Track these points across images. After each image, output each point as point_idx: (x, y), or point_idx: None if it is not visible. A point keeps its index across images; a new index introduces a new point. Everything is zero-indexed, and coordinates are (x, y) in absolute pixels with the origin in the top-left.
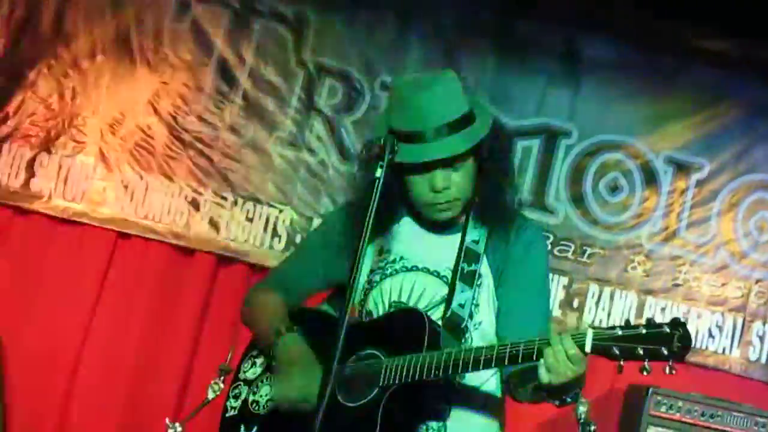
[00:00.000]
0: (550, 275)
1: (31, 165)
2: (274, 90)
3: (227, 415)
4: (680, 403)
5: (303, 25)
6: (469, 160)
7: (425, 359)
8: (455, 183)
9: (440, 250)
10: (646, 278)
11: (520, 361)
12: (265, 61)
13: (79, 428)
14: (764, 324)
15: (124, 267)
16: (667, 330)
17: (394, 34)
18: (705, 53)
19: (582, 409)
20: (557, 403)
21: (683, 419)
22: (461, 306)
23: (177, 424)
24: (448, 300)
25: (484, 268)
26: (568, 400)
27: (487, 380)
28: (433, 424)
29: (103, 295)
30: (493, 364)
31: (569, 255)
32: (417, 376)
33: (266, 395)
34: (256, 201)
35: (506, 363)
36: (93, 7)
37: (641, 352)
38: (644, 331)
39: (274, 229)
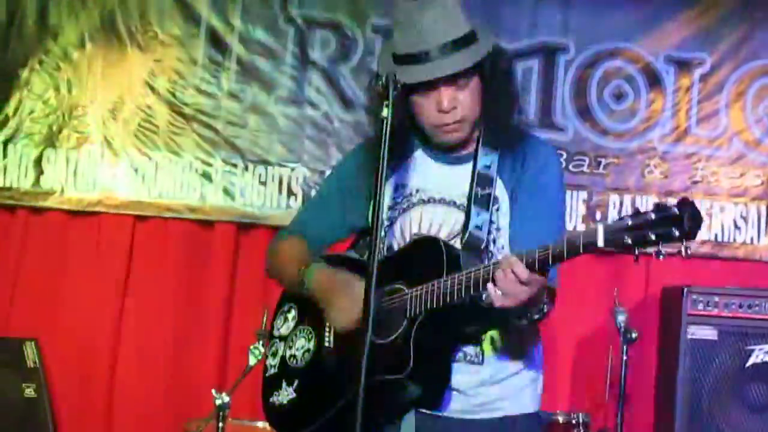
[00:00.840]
0: (568, 192)
1: (38, 163)
2: (266, 50)
3: (267, 374)
4: (716, 299)
5: None
6: (474, 78)
7: (446, 283)
8: (461, 102)
9: (455, 180)
10: (665, 180)
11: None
12: (254, 24)
13: (125, 413)
14: None
15: (147, 249)
16: (676, 211)
17: None
18: None
19: (621, 318)
20: (524, 322)
21: (722, 314)
22: (479, 228)
23: (223, 394)
24: (464, 224)
25: (500, 191)
26: (536, 316)
27: None
28: (470, 349)
29: (131, 280)
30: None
31: (584, 168)
32: (441, 301)
33: (302, 348)
34: (267, 163)
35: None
36: None
37: (653, 237)
38: (653, 216)
39: (289, 188)
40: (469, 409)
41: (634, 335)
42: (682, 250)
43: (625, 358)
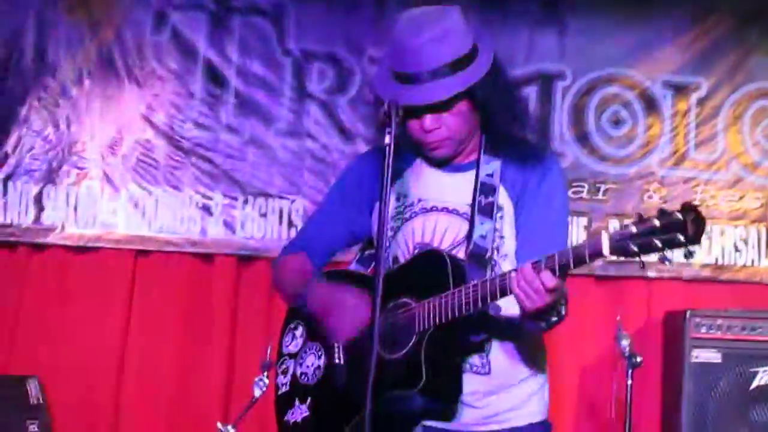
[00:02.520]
0: (569, 218)
1: (38, 199)
2: (264, 83)
3: (279, 393)
4: (719, 321)
5: (282, 15)
6: (464, 100)
7: (453, 296)
8: (446, 123)
9: (457, 188)
10: (664, 204)
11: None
12: (251, 57)
13: None
14: None
15: (148, 284)
16: (680, 216)
17: (374, 6)
18: None
19: (624, 343)
20: (543, 326)
21: (725, 337)
22: (483, 237)
23: (229, 426)
24: (468, 233)
25: (503, 199)
26: (554, 319)
27: None
28: (476, 360)
29: (133, 316)
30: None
31: (584, 195)
32: (449, 315)
33: (312, 365)
34: (267, 195)
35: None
36: (72, 33)
37: (658, 243)
38: (657, 222)
39: (289, 220)
40: (477, 421)
41: (638, 359)
42: (686, 252)
43: (630, 382)
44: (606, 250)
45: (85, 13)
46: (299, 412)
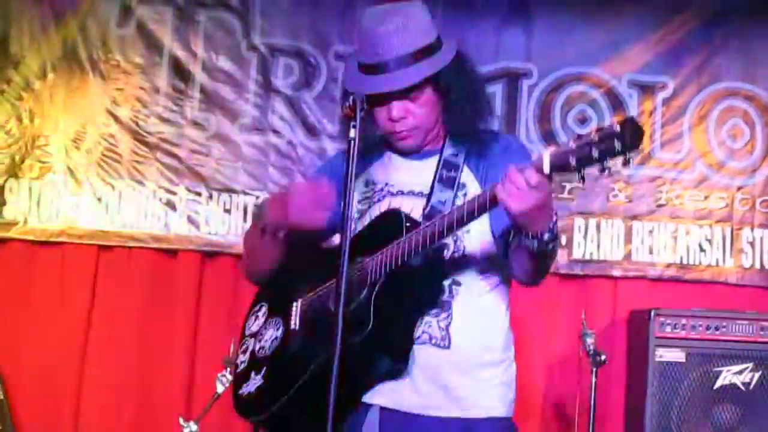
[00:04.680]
0: None
1: (1, 193)
2: (230, 78)
3: (237, 371)
4: (684, 321)
5: (248, 9)
6: (427, 89)
7: (404, 241)
8: (413, 113)
9: (422, 173)
10: (630, 204)
11: (489, 206)
12: (217, 52)
13: None
14: (752, 230)
15: (111, 279)
16: (618, 128)
17: (340, 2)
18: None
19: (589, 340)
20: (536, 244)
21: (689, 336)
22: (441, 203)
23: (191, 423)
24: (427, 198)
25: (467, 177)
26: (546, 237)
27: (487, 273)
28: (435, 330)
29: (95, 311)
30: (465, 220)
31: None
32: (401, 260)
33: (270, 338)
34: (231, 191)
35: (476, 214)
36: (36, 26)
37: (596, 154)
38: (595, 136)
39: None
40: (435, 403)
41: (603, 357)
42: (623, 160)
43: (594, 380)
44: (547, 168)
45: (49, 5)
46: (253, 383)
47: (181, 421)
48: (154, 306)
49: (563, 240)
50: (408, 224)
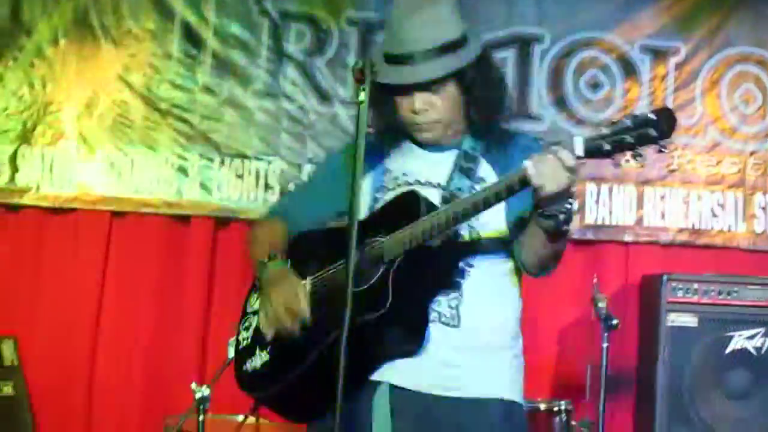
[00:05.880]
0: None
1: (13, 160)
2: (242, 44)
3: (240, 347)
4: (695, 286)
5: None
6: (451, 84)
7: (424, 222)
8: (435, 106)
9: (440, 164)
10: (641, 169)
11: (518, 188)
12: (228, 17)
13: (105, 409)
14: (765, 195)
15: (124, 245)
16: (652, 116)
17: None
18: None
19: (601, 305)
20: (552, 223)
21: (701, 301)
22: (459, 189)
23: (204, 387)
24: (445, 186)
25: (485, 170)
26: (562, 217)
27: (499, 258)
28: (445, 308)
29: (108, 276)
30: (492, 201)
31: None
32: (422, 238)
33: None
34: (244, 157)
35: (504, 195)
36: None
37: (630, 140)
38: (630, 122)
39: (266, 182)
40: (444, 382)
41: (614, 322)
42: (658, 149)
43: (605, 345)
44: (580, 151)
45: None
46: (258, 359)
47: (193, 386)
48: (167, 271)
49: (575, 206)
50: (425, 203)
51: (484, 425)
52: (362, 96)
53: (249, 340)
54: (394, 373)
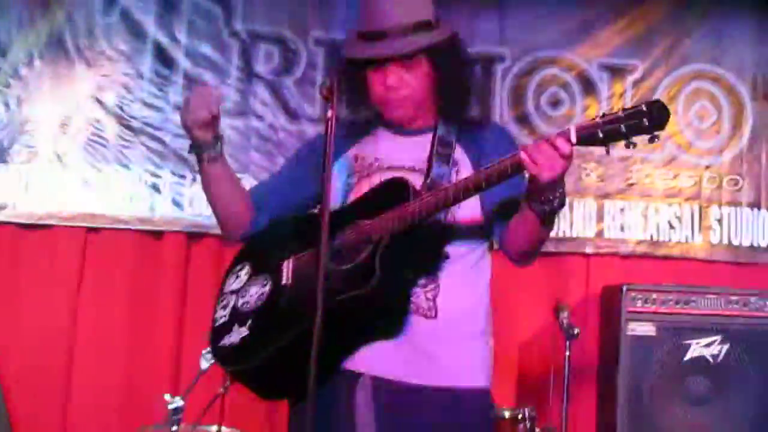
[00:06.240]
0: None
1: None
2: (212, 64)
3: (217, 324)
4: (654, 296)
5: None
6: (423, 62)
7: (413, 205)
8: (407, 83)
9: (413, 149)
10: (601, 183)
11: (509, 173)
12: (199, 38)
13: (81, 422)
14: (720, 207)
15: (99, 260)
16: (644, 108)
17: None
18: None
19: (563, 315)
20: (547, 208)
21: (660, 310)
22: (440, 176)
23: (177, 398)
24: (426, 173)
25: (459, 155)
26: (556, 201)
27: (474, 245)
28: (422, 301)
29: (83, 290)
30: (484, 186)
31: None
32: (410, 221)
33: (255, 293)
34: None
35: (497, 180)
36: (23, 15)
37: (624, 129)
38: (623, 113)
39: None
40: (422, 372)
41: (576, 331)
42: (649, 139)
43: (567, 354)
44: (574, 137)
45: None
46: (237, 334)
47: (167, 397)
48: (141, 285)
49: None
50: (413, 189)
51: (461, 413)
52: (330, 113)
53: (227, 317)
54: (375, 363)
